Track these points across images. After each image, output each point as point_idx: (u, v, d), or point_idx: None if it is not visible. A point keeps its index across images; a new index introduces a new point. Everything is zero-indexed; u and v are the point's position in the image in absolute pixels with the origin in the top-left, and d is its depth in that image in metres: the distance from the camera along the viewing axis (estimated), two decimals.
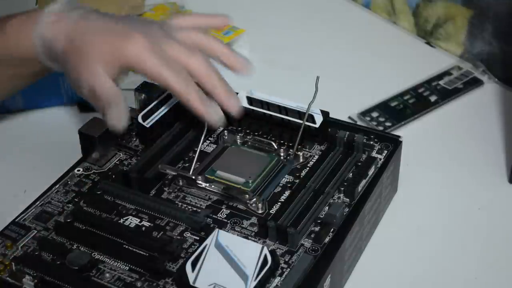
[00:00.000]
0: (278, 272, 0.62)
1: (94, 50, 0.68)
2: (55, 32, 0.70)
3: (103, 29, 0.70)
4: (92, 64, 0.68)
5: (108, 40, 0.68)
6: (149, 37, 0.68)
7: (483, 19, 0.94)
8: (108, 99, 0.68)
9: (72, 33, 0.69)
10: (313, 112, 0.74)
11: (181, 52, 0.68)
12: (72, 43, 0.69)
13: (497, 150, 0.85)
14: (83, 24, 0.70)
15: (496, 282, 0.70)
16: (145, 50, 0.67)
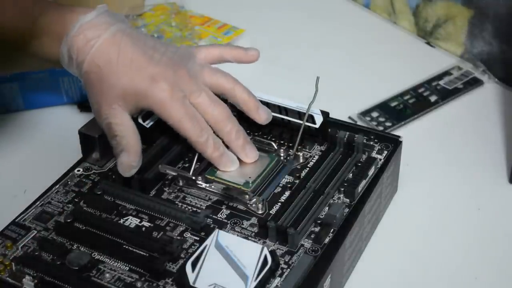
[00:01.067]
0: (278, 272, 0.62)
1: (117, 86, 0.69)
2: (83, 51, 0.69)
3: (132, 65, 0.69)
4: (113, 99, 0.69)
5: (134, 81, 0.69)
6: (175, 86, 0.69)
7: (483, 19, 0.94)
8: (121, 143, 0.69)
9: (99, 59, 0.69)
10: (313, 112, 0.74)
11: (205, 104, 0.71)
12: (98, 69, 0.69)
13: (497, 150, 0.85)
14: (113, 51, 0.69)
15: (496, 282, 0.70)
16: (169, 100, 0.69)
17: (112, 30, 0.70)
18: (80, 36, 0.69)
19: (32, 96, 0.90)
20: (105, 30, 0.70)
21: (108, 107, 0.69)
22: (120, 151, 0.70)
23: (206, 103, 0.71)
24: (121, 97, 0.69)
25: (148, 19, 1.03)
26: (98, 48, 0.69)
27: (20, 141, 0.87)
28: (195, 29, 1.02)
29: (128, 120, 0.70)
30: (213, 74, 0.73)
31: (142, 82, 0.69)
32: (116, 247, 0.65)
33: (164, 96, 0.68)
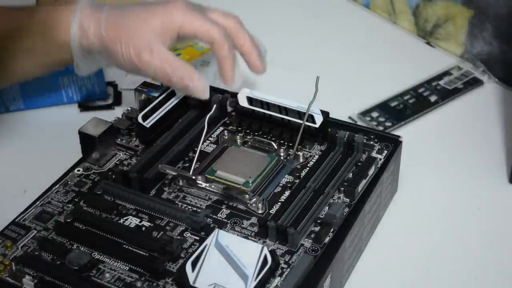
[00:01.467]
0: (278, 272, 0.62)
1: (144, 25, 0.72)
2: (95, 19, 0.73)
3: (142, 7, 0.74)
4: (150, 41, 0.72)
5: (154, 12, 0.73)
6: (189, 2, 0.74)
7: (483, 19, 0.94)
8: (182, 74, 0.72)
9: (113, 17, 0.73)
10: (313, 112, 0.74)
11: (219, 14, 0.75)
12: (117, 25, 0.72)
13: (497, 150, 0.85)
14: (121, 9, 0.74)
15: (496, 282, 0.70)
16: (190, 11, 0.73)
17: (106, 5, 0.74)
18: (87, 9, 0.74)
19: (32, 96, 0.90)
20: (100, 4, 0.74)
21: (148, 51, 0.71)
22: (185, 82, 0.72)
23: (223, 15, 0.76)
24: (156, 35, 0.72)
25: None
26: (108, 11, 0.73)
27: (20, 141, 0.87)
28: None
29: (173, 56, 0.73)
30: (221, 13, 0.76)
31: (161, 9, 0.73)
32: (116, 247, 0.65)
33: (185, 9, 0.73)
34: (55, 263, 0.64)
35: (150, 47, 0.72)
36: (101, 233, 0.67)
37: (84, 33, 0.73)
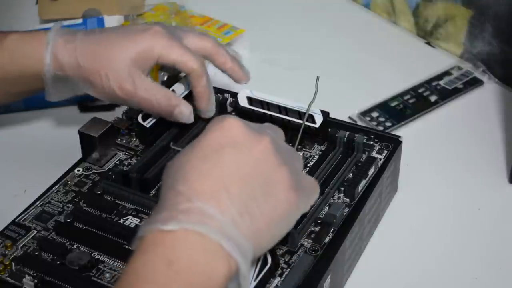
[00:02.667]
0: (278, 272, 0.62)
1: (122, 53, 0.70)
2: (70, 49, 0.70)
3: (118, 33, 0.71)
4: (131, 71, 0.70)
5: (133, 40, 0.70)
6: (166, 28, 0.72)
7: (483, 19, 0.94)
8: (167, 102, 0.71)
9: (90, 46, 0.70)
10: (313, 112, 0.74)
11: (195, 37, 0.74)
12: (95, 55, 0.70)
13: (497, 150, 0.85)
14: (97, 36, 0.71)
15: (496, 282, 0.70)
16: (169, 41, 0.70)
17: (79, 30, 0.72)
18: (61, 37, 0.70)
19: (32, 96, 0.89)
20: (73, 31, 0.72)
21: (127, 79, 0.69)
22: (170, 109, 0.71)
23: (199, 38, 0.74)
24: (133, 63, 0.70)
25: (148, 19, 1.03)
26: (83, 38, 0.70)
27: (20, 141, 0.87)
28: (195, 29, 1.02)
29: (150, 82, 0.71)
30: (197, 36, 0.74)
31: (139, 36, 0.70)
32: (116, 247, 0.65)
33: (164, 37, 0.70)
34: (55, 263, 0.64)
35: (132, 77, 0.70)
36: (101, 233, 0.67)
37: (59, 64, 0.70)
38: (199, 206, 0.51)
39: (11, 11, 1.11)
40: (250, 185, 0.53)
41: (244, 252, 0.51)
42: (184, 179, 0.52)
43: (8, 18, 1.09)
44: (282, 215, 0.55)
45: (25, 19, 1.06)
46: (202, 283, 0.49)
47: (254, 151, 0.55)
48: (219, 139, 0.54)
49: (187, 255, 0.50)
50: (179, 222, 0.50)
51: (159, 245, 0.50)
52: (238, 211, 0.52)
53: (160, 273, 0.49)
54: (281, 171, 0.55)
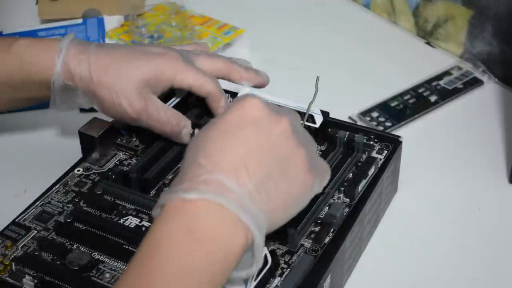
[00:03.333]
0: (278, 272, 0.62)
1: (136, 71, 0.69)
2: (83, 60, 0.69)
3: (135, 51, 0.71)
4: (143, 91, 0.69)
5: (147, 62, 0.70)
6: (180, 53, 0.72)
7: (483, 19, 0.94)
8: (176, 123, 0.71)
9: (103, 60, 0.69)
10: (313, 112, 0.74)
11: (206, 59, 0.74)
12: (108, 70, 0.69)
13: (497, 150, 0.85)
14: (111, 51, 0.71)
15: (496, 282, 0.70)
16: (183, 66, 0.70)
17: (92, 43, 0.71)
18: (73, 48, 0.70)
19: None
20: (87, 43, 0.71)
21: (137, 98, 0.69)
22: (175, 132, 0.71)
23: (212, 59, 0.74)
24: (146, 83, 0.69)
25: (148, 19, 1.03)
26: (96, 53, 0.70)
27: (20, 141, 0.87)
28: (195, 29, 1.02)
29: (164, 106, 0.71)
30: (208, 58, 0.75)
31: (155, 58, 0.70)
32: (116, 247, 0.65)
33: (180, 62, 0.70)
34: (55, 263, 0.64)
35: (143, 97, 0.69)
36: (101, 233, 0.67)
37: (70, 74, 0.69)
38: (218, 178, 0.53)
39: (11, 11, 1.11)
40: (268, 163, 0.55)
41: (260, 226, 0.53)
42: (205, 153, 0.54)
43: (8, 18, 1.09)
44: (297, 194, 0.57)
45: (25, 19, 1.07)
46: (220, 251, 0.52)
47: (273, 131, 0.56)
48: (240, 117, 0.56)
49: (207, 224, 0.52)
50: (200, 192, 0.52)
51: (180, 213, 0.52)
52: (255, 187, 0.54)
53: (181, 240, 0.51)
54: (299, 152, 0.57)
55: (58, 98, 0.71)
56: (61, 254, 0.64)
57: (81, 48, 0.70)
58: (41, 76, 0.70)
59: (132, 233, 0.66)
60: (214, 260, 0.51)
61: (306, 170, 0.57)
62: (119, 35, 1.00)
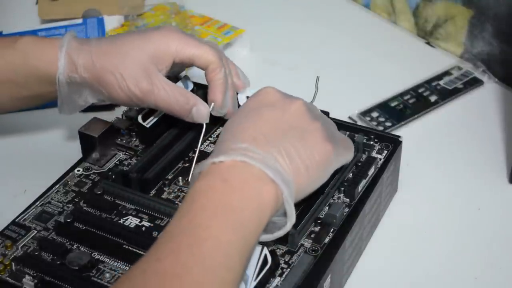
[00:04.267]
0: (278, 272, 0.62)
1: (140, 52, 0.69)
2: (85, 50, 0.70)
3: (134, 34, 0.71)
4: (148, 69, 0.69)
5: (148, 39, 0.70)
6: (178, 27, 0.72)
7: (483, 19, 0.94)
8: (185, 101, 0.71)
9: (104, 47, 0.70)
10: None
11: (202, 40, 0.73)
12: (110, 54, 0.69)
13: (497, 150, 0.85)
14: (111, 38, 0.71)
15: (496, 282, 0.70)
16: (185, 36, 0.71)
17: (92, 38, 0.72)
18: (75, 41, 0.70)
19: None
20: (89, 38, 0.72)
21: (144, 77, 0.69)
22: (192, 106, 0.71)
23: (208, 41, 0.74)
24: (151, 61, 0.69)
25: (148, 19, 1.03)
26: (96, 43, 0.70)
27: (20, 141, 0.87)
28: (195, 29, 1.02)
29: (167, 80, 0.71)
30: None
31: (153, 34, 0.70)
32: (116, 247, 0.65)
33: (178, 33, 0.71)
34: (55, 263, 0.64)
35: (149, 75, 0.69)
36: (101, 233, 0.67)
37: (73, 65, 0.69)
38: (243, 146, 0.58)
39: (11, 11, 1.11)
40: (287, 134, 0.61)
41: (286, 182, 0.58)
42: (231, 132, 0.61)
43: (8, 18, 1.09)
44: (319, 161, 0.61)
45: (25, 19, 1.07)
46: (253, 200, 0.57)
47: (288, 110, 0.62)
48: (258, 102, 0.63)
49: (239, 176, 0.57)
50: (228, 155, 0.58)
51: (214, 171, 0.57)
52: (277, 150, 0.59)
53: (217, 187, 0.56)
54: (314, 125, 0.62)
55: (65, 95, 0.71)
56: (61, 254, 0.64)
57: (82, 41, 0.71)
58: (45, 71, 0.70)
59: (132, 233, 0.66)
60: (248, 206, 0.56)
61: (324, 138, 0.62)
62: None
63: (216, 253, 0.53)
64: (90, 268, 0.63)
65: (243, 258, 0.55)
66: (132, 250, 0.65)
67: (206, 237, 0.53)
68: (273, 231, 0.59)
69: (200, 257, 0.52)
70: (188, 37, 0.71)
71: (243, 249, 0.55)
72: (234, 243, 0.54)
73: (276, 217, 0.59)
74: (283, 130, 0.61)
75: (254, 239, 0.56)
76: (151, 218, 0.68)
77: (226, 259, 0.53)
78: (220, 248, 0.53)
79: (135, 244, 0.65)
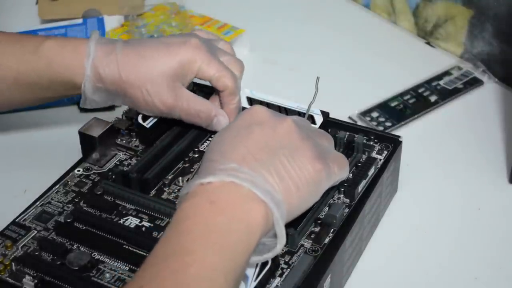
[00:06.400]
0: (278, 272, 0.62)
1: (164, 66, 0.70)
2: (111, 61, 0.70)
3: (160, 45, 0.71)
4: (172, 85, 0.70)
5: (173, 53, 0.70)
6: (203, 40, 0.72)
7: (483, 19, 0.94)
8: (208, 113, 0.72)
9: (131, 58, 0.70)
10: (313, 113, 0.74)
11: (228, 55, 0.74)
12: (136, 68, 0.70)
13: (497, 150, 0.85)
14: (137, 48, 0.71)
15: (496, 282, 0.70)
16: (207, 55, 0.71)
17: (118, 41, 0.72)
18: (101, 49, 0.70)
19: None
20: (112, 41, 0.72)
21: (168, 92, 0.70)
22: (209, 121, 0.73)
23: (232, 57, 0.75)
24: (174, 77, 0.70)
25: (148, 19, 1.03)
26: (123, 50, 0.70)
27: (20, 141, 0.87)
28: (195, 29, 1.02)
29: (194, 96, 0.72)
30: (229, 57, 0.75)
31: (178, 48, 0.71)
32: (116, 247, 0.65)
33: (203, 51, 0.71)
34: (55, 263, 0.64)
35: (173, 91, 0.70)
36: (101, 233, 0.67)
37: (99, 77, 0.70)
38: (232, 166, 0.57)
39: (11, 11, 1.11)
40: (276, 154, 0.59)
41: (276, 201, 0.57)
42: (219, 151, 0.59)
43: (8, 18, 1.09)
44: (309, 180, 0.60)
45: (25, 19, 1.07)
46: (242, 221, 0.55)
47: (278, 129, 0.61)
48: (248, 120, 0.62)
49: (226, 198, 0.56)
50: (216, 176, 0.57)
51: (202, 192, 0.56)
52: (266, 170, 0.58)
53: (204, 208, 0.55)
54: (304, 144, 0.61)
55: (90, 99, 0.72)
56: (61, 254, 0.64)
57: (108, 49, 0.71)
58: (70, 78, 0.71)
59: (132, 233, 0.66)
60: (236, 227, 0.55)
61: (314, 157, 0.60)
62: (119, 35, 1.00)
63: (201, 279, 0.52)
64: (90, 268, 0.63)
65: (231, 281, 0.53)
66: (132, 250, 0.65)
67: (190, 263, 0.52)
68: (262, 253, 0.58)
69: (184, 284, 0.51)
70: (211, 57, 0.71)
71: (230, 273, 0.54)
72: (220, 267, 0.53)
73: (265, 238, 0.58)
74: (273, 149, 0.59)
75: (243, 262, 0.55)
76: (151, 218, 0.68)
77: (211, 284, 0.52)
78: (205, 274, 0.52)
79: (135, 244, 0.65)
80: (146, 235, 0.66)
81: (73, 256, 0.64)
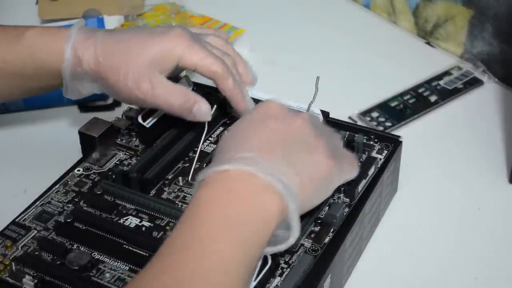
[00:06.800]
0: (278, 272, 0.62)
1: (142, 52, 0.69)
2: (90, 45, 0.70)
3: (139, 33, 0.71)
4: (149, 71, 0.69)
5: (153, 41, 0.69)
6: (188, 30, 0.71)
7: (483, 19, 0.94)
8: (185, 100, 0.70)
9: (110, 44, 0.70)
10: (313, 112, 0.74)
11: (217, 42, 0.73)
12: (114, 52, 0.69)
13: (497, 150, 0.85)
14: (118, 35, 0.71)
15: (496, 282, 0.70)
16: (191, 43, 0.69)
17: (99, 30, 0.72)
18: (81, 34, 0.70)
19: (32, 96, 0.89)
20: (93, 30, 0.71)
21: (147, 80, 0.69)
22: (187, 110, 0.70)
23: (223, 42, 0.74)
24: (153, 64, 0.69)
25: (148, 19, 1.03)
26: (103, 38, 0.70)
27: (20, 141, 0.87)
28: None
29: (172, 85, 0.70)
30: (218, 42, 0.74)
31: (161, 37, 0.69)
32: (116, 247, 0.65)
33: (186, 39, 0.69)
34: (55, 263, 0.64)
35: (149, 77, 0.69)
36: (101, 233, 0.67)
37: (78, 60, 0.69)
38: (249, 155, 0.57)
39: (11, 11, 1.11)
40: (291, 148, 0.60)
41: (292, 193, 0.57)
42: (234, 143, 0.59)
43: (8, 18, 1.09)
44: (322, 176, 0.61)
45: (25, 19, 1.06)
46: (258, 212, 0.55)
47: (293, 124, 0.61)
48: (263, 113, 0.62)
49: (243, 187, 0.56)
50: (232, 164, 0.56)
51: (218, 180, 0.56)
52: (282, 162, 0.58)
53: (221, 197, 0.55)
54: (317, 140, 0.61)
55: (70, 86, 0.72)
56: (61, 254, 0.64)
57: (88, 34, 0.70)
58: (52, 64, 0.71)
59: (132, 233, 0.66)
60: (253, 219, 0.55)
61: (328, 155, 0.61)
62: None
63: (217, 270, 0.52)
64: (90, 268, 0.63)
65: (246, 274, 0.54)
66: (132, 250, 0.65)
67: (206, 254, 0.53)
68: (274, 244, 0.58)
69: (198, 276, 0.51)
70: (196, 44, 0.70)
71: (246, 265, 0.54)
72: (237, 259, 0.53)
73: (278, 230, 0.57)
74: (288, 143, 0.60)
75: (258, 253, 0.55)
76: (151, 218, 0.68)
77: (226, 277, 0.52)
78: (222, 265, 0.52)
79: (135, 244, 0.65)
80: (146, 235, 0.66)
81: (73, 256, 0.64)
